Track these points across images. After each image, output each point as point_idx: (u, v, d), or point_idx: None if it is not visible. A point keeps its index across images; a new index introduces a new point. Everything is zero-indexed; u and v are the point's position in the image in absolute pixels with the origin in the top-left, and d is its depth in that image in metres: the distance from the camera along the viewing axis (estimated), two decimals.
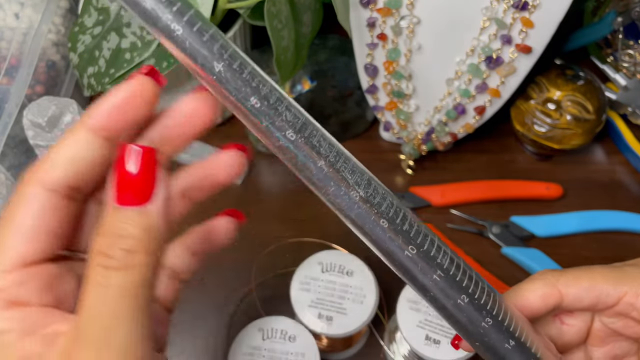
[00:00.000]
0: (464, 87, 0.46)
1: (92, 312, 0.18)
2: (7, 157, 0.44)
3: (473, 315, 0.23)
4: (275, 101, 0.20)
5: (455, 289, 0.23)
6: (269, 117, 0.20)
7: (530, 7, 0.40)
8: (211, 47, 0.19)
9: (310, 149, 0.21)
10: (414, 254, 0.22)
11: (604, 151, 0.55)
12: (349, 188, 0.21)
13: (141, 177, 0.19)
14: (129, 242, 0.18)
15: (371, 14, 0.43)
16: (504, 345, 0.24)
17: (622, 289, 0.27)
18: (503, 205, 0.51)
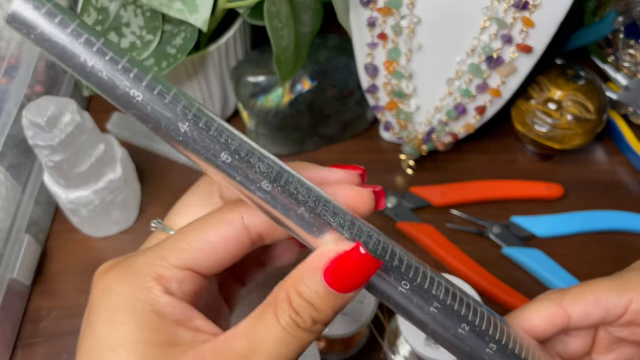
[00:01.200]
0: (464, 86, 0.46)
1: (255, 338, 0.21)
2: (7, 156, 0.44)
3: (475, 343, 0.23)
4: (247, 154, 0.20)
5: (454, 319, 0.22)
6: (241, 171, 0.20)
7: (531, 7, 0.40)
8: (174, 108, 0.19)
9: (287, 196, 0.20)
10: (408, 289, 0.22)
11: (604, 151, 0.55)
12: (338, 227, 0.21)
13: (356, 275, 0.21)
14: (320, 316, 0.21)
15: (371, 13, 0.43)
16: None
17: (628, 297, 0.26)
18: (503, 205, 0.51)
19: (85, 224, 0.48)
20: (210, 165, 0.20)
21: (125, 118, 0.56)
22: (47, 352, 0.44)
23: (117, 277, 0.22)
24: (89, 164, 0.43)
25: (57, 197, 0.45)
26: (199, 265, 0.23)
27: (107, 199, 0.46)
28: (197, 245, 0.22)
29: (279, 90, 0.49)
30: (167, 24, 0.45)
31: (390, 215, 0.50)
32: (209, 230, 0.23)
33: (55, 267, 0.48)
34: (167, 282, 0.22)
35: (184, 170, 0.53)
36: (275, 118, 0.50)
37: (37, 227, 0.48)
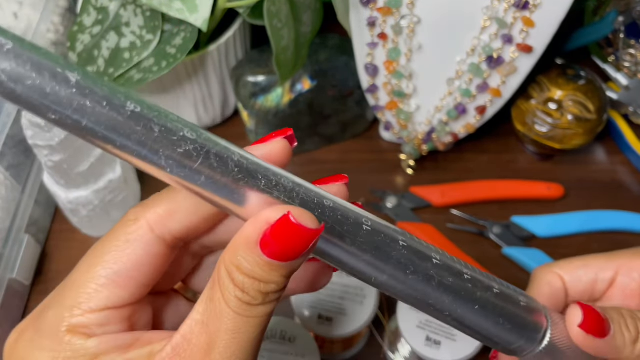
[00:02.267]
0: (464, 86, 0.46)
1: (211, 330, 0.19)
2: (6, 156, 0.44)
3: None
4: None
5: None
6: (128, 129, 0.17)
7: (531, 7, 0.40)
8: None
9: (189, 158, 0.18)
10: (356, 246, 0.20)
11: (605, 151, 0.55)
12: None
13: (296, 243, 0.18)
14: (268, 287, 0.19)
15: (371, 13, 0.43)
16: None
17: (616, 262, 0.27)
18: (504, 205, 0.51)
19: (85, 224, 0.48)
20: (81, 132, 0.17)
21: None
22: None
23: (30, 346, 0.20)
24: (88, 164, 0.43)
25: (56, 197, 0.45)
26: (117, 300, 0.20)
27: (106, 199, 0.46)
28: (107, 281, 0.20)
29: (279, 90, 0.49)
30: (167, 24, 0.45)
31: (391, 216, 0.50)
32: (116, 257, 0.20)
33: (55, 267, 0.48)
34: (86, 328, 0.20)
35: None
36: (276, 118, 0.50)
37: (36, 227, 0.48)
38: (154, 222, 0.20)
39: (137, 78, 0.44)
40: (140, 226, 0.20)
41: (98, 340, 0.20)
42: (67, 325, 0.20)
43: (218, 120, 0.56)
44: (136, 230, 0.20)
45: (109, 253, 0.20)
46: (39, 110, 0.16)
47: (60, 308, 0.20)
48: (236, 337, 0.19)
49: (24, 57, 0.16)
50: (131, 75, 0.45)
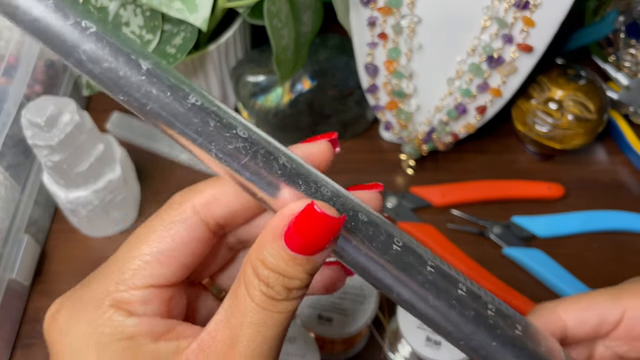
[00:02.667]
0: (465, 86, 0.46)
1: (234, 324, 0.19)
2: (6, 156, 0.44)
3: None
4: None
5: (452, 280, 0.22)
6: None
7: (532, 6, 0.40)
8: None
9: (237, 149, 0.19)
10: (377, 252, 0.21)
11: (605, 151, 0.55)
12: None
13: (319, 230, 0.19)
14: (292, 283, 0.19)
15: (371, 13, 0.43)
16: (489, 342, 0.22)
17: (622, 304, 0.26)
18: (504, 205, 0.51)
19: (84, 224, 0.48)
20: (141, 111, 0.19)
21: (125, 118, 0.56)
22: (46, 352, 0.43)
23: (70, 316, 0.21)
24: (88, 164, 0.43)
25: (56, 197, 0.45)
26: (160, 278, 0.21)
27: (106, 199, 0.45)
28: (151, 259, 0.21)
29: (279, 90, 0.49)
30: (166, 24, 0.45)
31: (391, 216, 0.50)
32: (161, 237, 0.21)
33: (54, 268, 0.48)
34: (129, 305, 0.20)
35: (184, 170, 0.53)
36: (275, 118, 0.50)
37: (36, 227, 0.48)
38: (199, 205, 0.21)
39: None
40: (185, 209, 0.21)
41: (137, 320, 0.20)
42: (111, 300, 0.20)
43: None
44: (181, 213, 0.21)
45: (154, 232, 0.21)
46: (110, 90, 0.18)
47: (104, 282, 0.21)
48: (260, 331, 0.19)
49: (104, 41, 0.17)
50: None
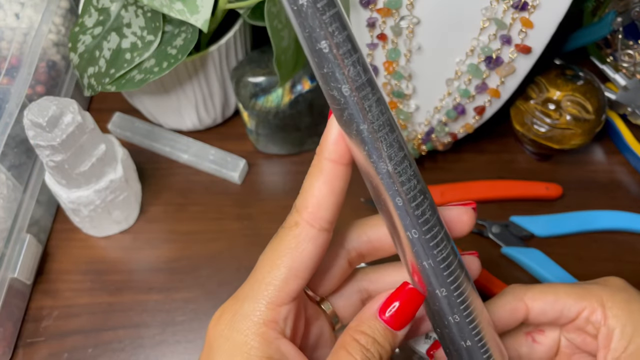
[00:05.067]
0: (463, 87, 0.46)
1: None
2: (8, 157, 0.45)
3: (445, 308, 0.25)
4: (344, 53, 0.20)
5: (440, 280, 0.24)
6: (332, 66, 0.20)
7: (530, 8, 0.40)
8: None
9: (359, 109, 0.21)
10: (415, 238, 0.23)
11: (603, 151, 0.55)
12: (380, 158, 0.22)
13: (406, 313, 0.25)
14: (381, 350, 0.24)
15: (371, 14, 0.43)
16: (460, 342, 0.25)
17: (582, 304, 0.29)
18: (503, 205, 0.51)
19: (86, 223, 0.48)
20: (308, 46, 0.20)
21: (127, 118, 0.56)
22: (48, 351, 0.44)
23: (229, 325, 0.24)
24: (90, 163, 0.43)
25: (58, 197, 0.46)
26: (299, 287, 0.24)
27: (108, 199, 0.46)
28: (289, 276, 0.24)
29: (279, 91, 0.49)
30: (167, 25, 0.45)
31: None
32: (293, 256, 0.24)
33: (56, 267, 0.48)
34: (275, 323, 0.24)
35: (185, 170, 0.54)
36: (276, 118, 0.50)
37: (38, 227, 0.48)
38: (311, 219, 0.24)
39: (138, 78, 0.45)
40: (302, 227, 0.24)
41: (278, 345, 0.24)
42: (262, 319, 0.24)
43: (219, 121, 0.56)
44: (301, 232, 0.24)
45: (286, 254, 0.24)
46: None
47: (254, 302, 0.24)
48: None
49: None
50: (132, 75, 0.45)
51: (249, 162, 0.53)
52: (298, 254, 0.24)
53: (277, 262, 0.24)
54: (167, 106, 0.51)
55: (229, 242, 0.49)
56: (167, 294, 0.47)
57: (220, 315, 0.25)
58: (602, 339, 0.28)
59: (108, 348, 0.44)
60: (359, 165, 0.23)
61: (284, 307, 0.24)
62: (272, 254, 0.25)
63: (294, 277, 0.24)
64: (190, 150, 0.54)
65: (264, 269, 0.24)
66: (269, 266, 0.24)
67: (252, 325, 0.24)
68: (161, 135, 0.55)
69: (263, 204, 0.52)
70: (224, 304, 0.25)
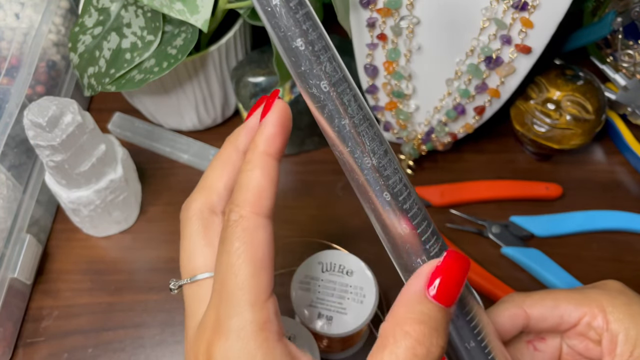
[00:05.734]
0: (463, 87, 0.46)
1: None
2: (8, 157, 0.45)
3: None
4: (320, 49, 0.20)
5: None
6: (308, 63, 0.20)
7: (530, 8, 0.40)
8: None
9: (339, 104, 0.21)
10: (406, 233, 0.23)
11: (603, 151, 0.55)
12: (364, 153, 0.22)
13: (457, 281, 0.22)
14: (443, 339, 0.21)
15: (371, 14, 0.43)
16: (464, 344, 0.25)
17: (582, 310, 0.29)
18: (503, 205, 0.51)
19: (86, 223, 0.48)
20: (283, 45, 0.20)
21: (127, 118, 0.56)
22: (48, 351, 0.44)
23: (226, 348, 0.22)
24: (90, 164, 0.43)
25: (58, 197, 0.46)
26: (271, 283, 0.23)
27: (108, 199, 0.46)
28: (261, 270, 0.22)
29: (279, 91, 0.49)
30: (167, 25, 0.45)
31: None
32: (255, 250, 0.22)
33: (56, 267, 0.48)
34: (268, 323, 0.22)
35: (185, 170, 0.54)
36: None
37: (38, 227, 0.48)
38: (256, 208, 0.23)
39: (138, 78, 0.45)
40: (249, 218, 0.23)
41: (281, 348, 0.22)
42: (257, 325, 0.22)
43: (219, 121, 0.56)
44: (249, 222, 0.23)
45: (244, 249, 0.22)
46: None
47: (238, 312, 0.22)
48: None
49: None
50: (132, 75, 0.45)
51: None
52: (256, 245, 0.22)
53: (239, 262, 0.22)
54: (167, 106, 0.52)
55: None
56: (167, 294, 0.47)
57: (212, 342, 0.22)
58: (606, 344, 0.28)
59: (108, 348, 0.44)
60: (343, 165, 0.23)
61: (269, 303, 0.22)
62: (229, 256, 0.22)
63: (260, 269, 0.22)
64: (190, 150, 0.54)
65: (228, 275, 0.22)
66: (233, 270, 0.22)
67: (249, 339, 0.21)
68: (161, 135, 0.55)
69: None
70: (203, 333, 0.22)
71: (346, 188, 0.52)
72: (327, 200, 0.51)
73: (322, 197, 0.52)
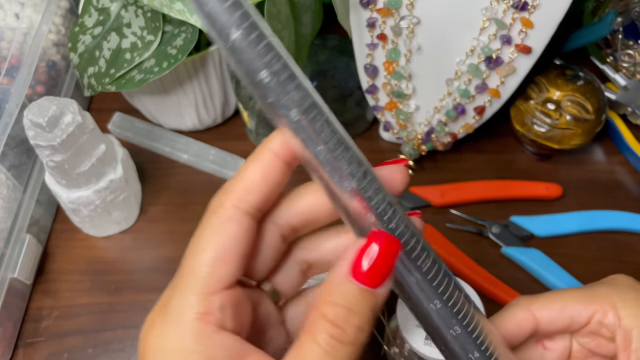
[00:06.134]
0: (463, 87, 0.46)
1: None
2: (8, 157, 0.45)
3: (445, 320, 0.24)
4: (285, 79, 0.20)
5: (430, 292, 0.23)
6: (275, 94, 0.20)
7: (530, 7, 0.40)
8: (232, 13, 0.19)
9: (312, 131, 0.21)
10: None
11: (603, 151, 0.55)
12: (343, 177, 0.21)
13: (382, 264, 0.21)
14: (361, 320, 0.21)
15: (371, 14, 0.43)
16: (468, 355, 0.24)
17: (592, 308, 0.28)
18: (503, 205, 0.51)
19: (86, 223, 0.48)
20: (249, 78, 0.20)
21: (127, 118, 0.56)
22: (48, 351, 0.44)
23: (162, 331, 0.22)
24: (90, 164, 0.43)
25: (58, 197, 0.46)
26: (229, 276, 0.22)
27: (108, 199, 0.46)
28: (216, 261, 0.22)
29: None
30: (167, 25, 0.45)
31: None
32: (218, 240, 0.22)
33: (56, 267, 0.48)
34: (210, 315, 0.21)
35: (185, 170, 0.54)
36: None
37: (38, 227, 0.48)
38: (237, 201, 0.23)
39: (138, 78, 0.45)
40: (227, 208, 0.23)
41: (216, 340, 0.21)
42: (194, 313, 0.21)
43: (219, 121, 0.56)
44: (225, 213, 0.23)
45: (210, 237, 0.22)
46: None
47: (183, 297, 0.22)
48: None
49: None
50: (132, 75, 0.45)
51: None
52: (224, 237, 0.22)
53: (201, 248, 0.22)
54: (167, 106, 0.52)
55: None
56: None
57: (151, 322, 0.22)
58: (621, 340, 0.27)
59: (108, 348, 0.44)
60: (324, 190, 0.23)
61: (217, 296, 0.22)
62: (196, 242, 0.22)
63: (221, 262, 0.22)
64: (190, 150, 0.54)
65: (189, 259, 0.22)
66: (194, 255, 0.22)
67: (184, 325, 0.21)
68: (161, 135, 0.55)
69: None
70: (150, 314, 0.23)
71: None
72: None
73: None
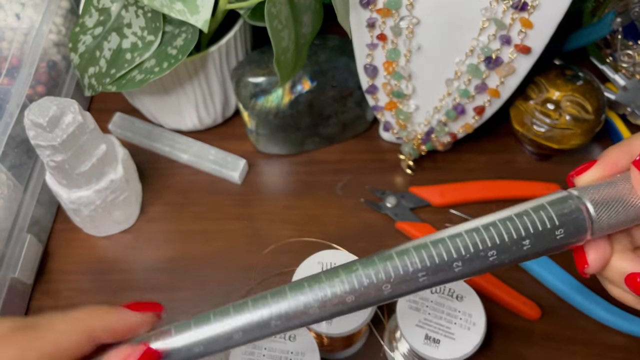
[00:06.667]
0: (463, 87, 0.46)
1: None
2: (8, 157, 0.45)
3: None
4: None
5: None
6: None
7: (530, 8, 0.41)
8: None
9: None
10: None
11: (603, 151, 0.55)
12: None
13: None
14: None
15: (371, 14, 0.43)
16: None
17: None
18: (502, 205, 0.50)
19: (86, 223, 0.48)
20: None
21: (127, 118, 0.56)
22: None
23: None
24: (90, 164, 0.43)
25: (58, 197, 0.46)
26: None
27: (108, 199, 0.46)
28: None
29: (279, 91, 0.49)
30: (168, 25, 0.45)
31: (390, 215, 0.50)
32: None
33: (56, 267, 0.48)
34: None
35: (185, 170, 0.54)
36: (276, 118, 0.50)
37: (38, 227, 0.48)
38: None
39: (138, 79, 0.45)
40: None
41: None
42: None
43: (219, 121, 0.56)
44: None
45: None
46: None
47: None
48: None
49: None
50: (133, 75, 0.45)
51: (249, 162, 0.53)
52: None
53: (60, 326, 0.25)
54: (168, 106, 0.52)
55: (229, 242, 0.49)
56: (167, 294, 0.47)
57: None
58: None
59: None
60: None
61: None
62: (69, 315, 0.26)
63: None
64: (190, 150, 0.54)
65: (47, 321, 0.25)
66: (53, 322, 0.25)
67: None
68: (161, 135, 0.55)
69: (263, 204, 0.52)
70: None
71: (346, 188, 0.52)
72: (327, 200, 0.51)
73: (322, 197, 0.52)
